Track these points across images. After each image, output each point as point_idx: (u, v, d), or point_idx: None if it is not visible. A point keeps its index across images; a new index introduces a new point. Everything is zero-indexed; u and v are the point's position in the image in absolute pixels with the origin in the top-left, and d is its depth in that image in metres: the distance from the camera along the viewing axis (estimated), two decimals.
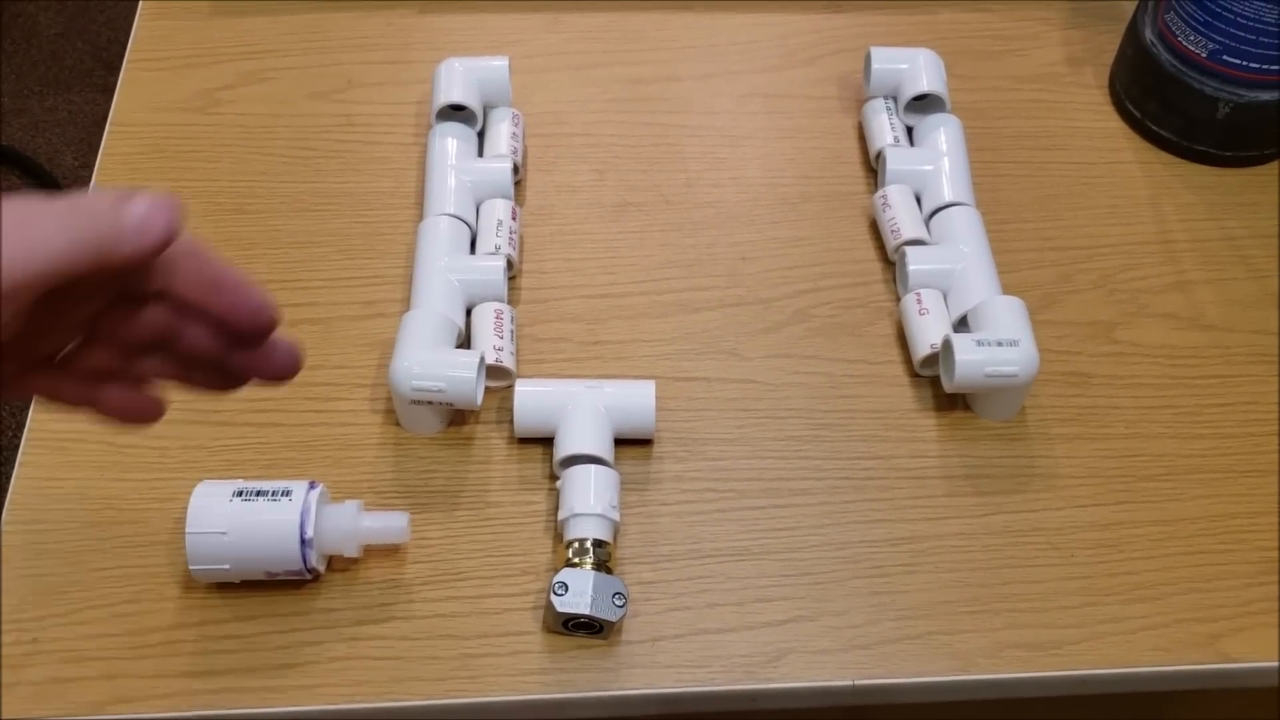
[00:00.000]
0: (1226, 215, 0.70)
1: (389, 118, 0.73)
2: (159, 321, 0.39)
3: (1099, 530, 0.57)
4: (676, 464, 0.59)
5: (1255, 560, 0.57)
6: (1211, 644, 0.54)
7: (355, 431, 0.59)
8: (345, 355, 0.62)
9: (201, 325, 0.40)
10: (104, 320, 0.39)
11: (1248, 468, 0.60)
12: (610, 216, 0.69)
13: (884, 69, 0.71)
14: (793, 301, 0.65)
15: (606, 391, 0.58)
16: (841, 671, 0.53)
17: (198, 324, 0.40)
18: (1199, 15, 0.67)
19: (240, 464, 0.58)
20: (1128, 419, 0.61)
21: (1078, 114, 0.75)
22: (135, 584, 0.54)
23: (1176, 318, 0.65)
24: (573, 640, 0.53)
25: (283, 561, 0.52)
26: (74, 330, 0.39)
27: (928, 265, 0.63)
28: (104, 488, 0.57)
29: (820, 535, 0.57)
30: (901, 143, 0.70)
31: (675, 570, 0.55)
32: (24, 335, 0.36)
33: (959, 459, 0.60)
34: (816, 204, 0.70)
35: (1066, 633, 0.54)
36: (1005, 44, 0.79)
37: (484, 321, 0.61)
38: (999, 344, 0.58)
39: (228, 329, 0.39)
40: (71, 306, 0.38)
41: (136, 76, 0.75)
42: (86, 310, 0.39)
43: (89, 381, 0.40)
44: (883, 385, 0.62)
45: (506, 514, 0.57)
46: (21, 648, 0.52)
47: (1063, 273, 0.67)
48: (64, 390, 0.40)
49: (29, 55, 1.81)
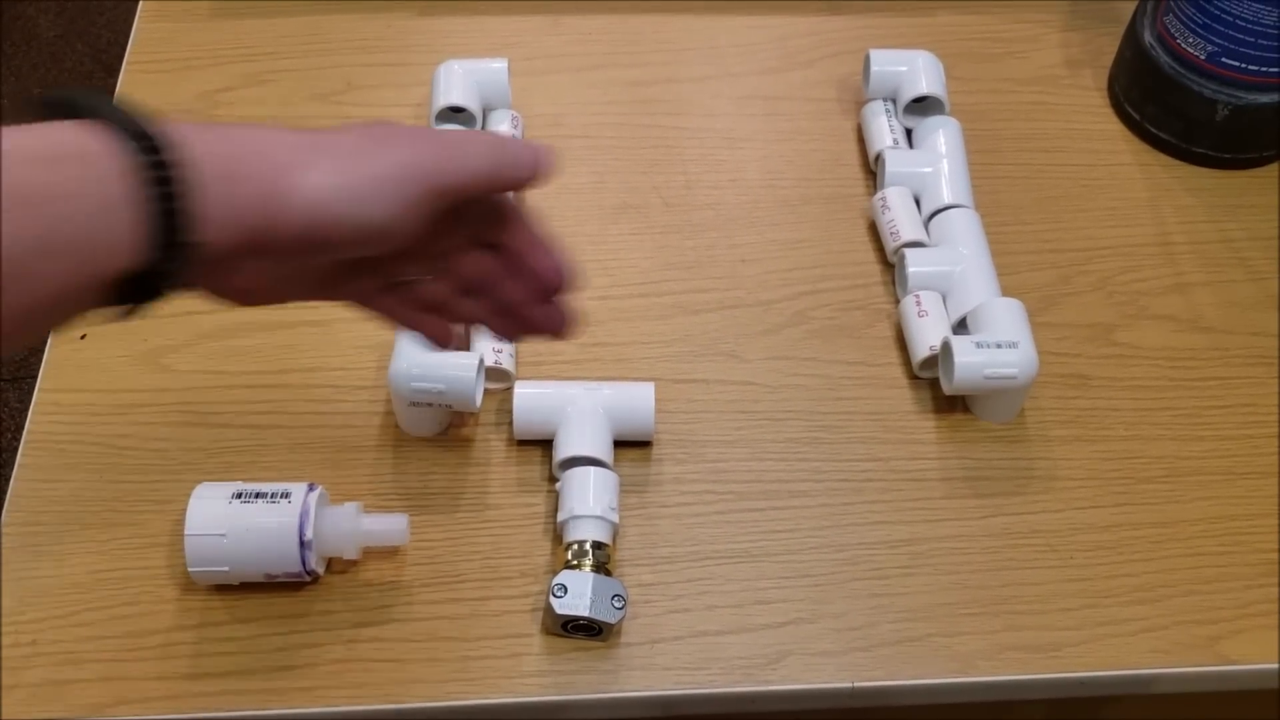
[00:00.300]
0: (1225, 217, 0.70)
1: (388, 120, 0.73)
2: (488, 269, 0.46)
3: (1098, 532, 0.57)
4: (676, 466, 0.59)
5: (1255, 562, 0.57)
6: (1211, 646, 0.54)
7: (355, 433, 0.59)
8: (345, 357, 0.62)
9: (517, 278, 0.46)
10: (452, 258, 0.45)
11: (1247, 470, 0.60)
12: (609, 218, 0.69)
13: (883, 71, 0.71)
14: (792, 304, 0.65)
15: (606, 393, 0.58)
16: (841, 674, 0.53)
17: (514, 277, 0.46)
18: (1198, 18, 0.67)
19: (239, 466, 0.58)
20: (1127, 421, 0.61)
21: (1077, 116, 0.75)
22: (134, 586, 0.54)
23: (1176, 320, 0.65)
24: (572, 642, 0.53)
25: (282, 563, 0.51)
26: (433, 259, 0.45)
27: (927, 267, 0.63)
28: (103, 490, 0.57)
29: (819, 537, 0.57)
30: (901, 145, 0.70)
31: (674, 572, 0.55)
32: (410, 249, 0.41)
33: (958, 461, 0.60)
34: (816, 206, 0.70)
35: (1066, 635, 0.54)
36: (1004, 46, 0.79)
37: None
38: (998, 346, 0.58)
39: (536, 282, 0.45)
40: (450, 231, 0.43)
41: (136, 78, 0.75)
42: (453, 241, 0.45)
43: (419, 309, 0.47)
44: (882, 387, 0.62)
45: (506, 516, 0.57)
46: (20, 650, 0.52)
47: (1062, 275, 0.67)
48: (398, 312, 0.47)
49: (28, 57, 1.81)
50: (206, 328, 0.63)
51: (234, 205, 0.36)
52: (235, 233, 0.36)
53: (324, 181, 0.37)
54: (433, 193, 0.39)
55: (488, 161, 0.41)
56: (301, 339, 0.63)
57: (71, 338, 0.62)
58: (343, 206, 0.37)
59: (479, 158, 0.40)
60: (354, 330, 0.63)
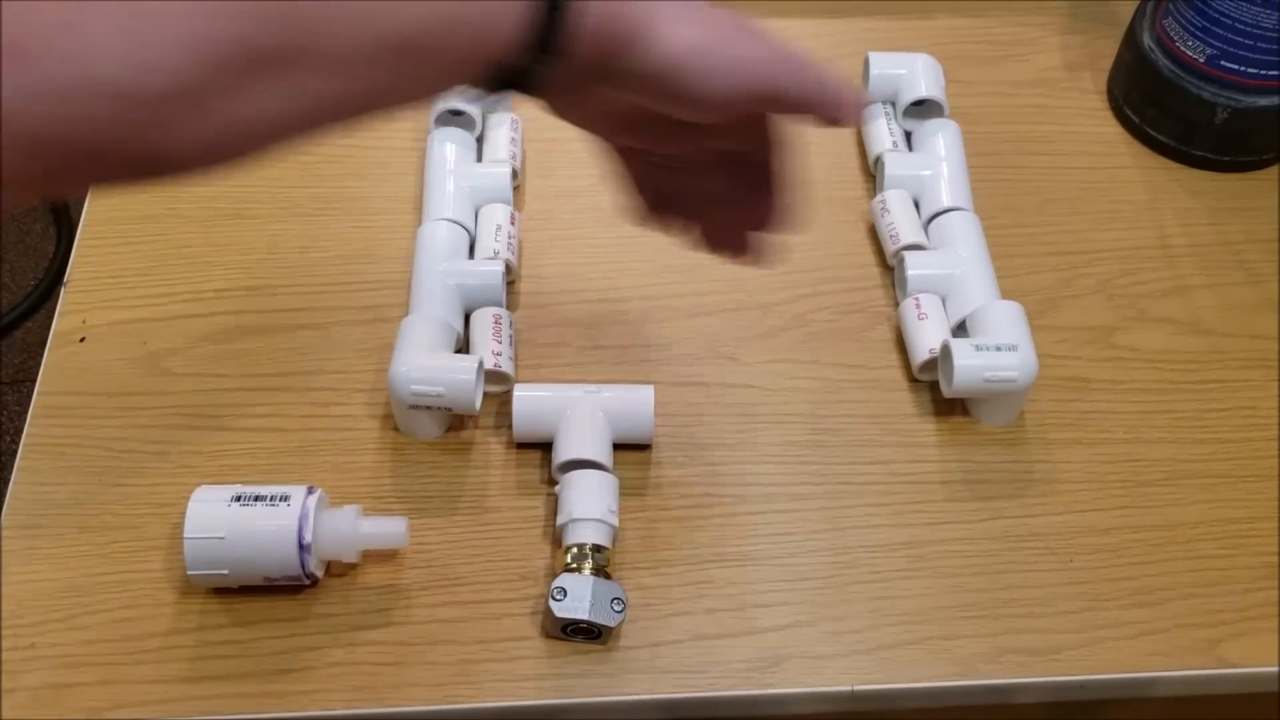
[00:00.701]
0: (1225, 220, 0.70)
1: (388, 122, 0.73)
2: (728, 187, 0.50)
3: (1098, 535, 0.57)
4: (675, 469, 0.59)
5: (1255, 565, 0.57)
6: (1211, 649, 0.54)
7: (354, 436, 0.59)
8: (344, 360, 0.62)
9: (747, 207, 0.50)
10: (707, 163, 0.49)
11: (1247, 472, 0.60)
12: (609, 221, 0.69)
13: (882, 74, 0.71)
14: (791, 306, 0.65)
15: (605, 396, 0.58)
16: (840, 677, 0.53)
17: (745, 205, 0.50)
18: (1197, 21, 0.67)
19: (238, 469, 0.58)
20: (1127, 424, 0.61)
21: (1076, 119, 0.75)
22: (133, 589, 0.54)
23: (1175, 323, 0.65)
24: (571, 646, 0.53)
25: (281, 566, 0.51)
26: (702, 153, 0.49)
27: (926, 270, 0.63)
28: (101, 493, 0.57)
29: (819, 540, 0.57)
30: (900, 148, 0.70)
31: (674, 575, 0.55)
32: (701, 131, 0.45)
33: (958, 464, 0.60)
34: (815, 209, 0.70)
35: (1066, 638, 0.54)
36: (1003, 49, 0.79)
37: (483, 326, 0.61)
38: (998, 349, 0.58)
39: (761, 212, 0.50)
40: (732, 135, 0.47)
41: None
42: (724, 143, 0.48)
43: (655, 189, 0.51)
44: (881, 390, 0.62)
45: (505, 519, 0.57)
46: (19, 653, 0.52)
47: (1061, 278, 0.67)
48: (641, 177, 0.51)
49: None
50: (205, 331, 0.63)
51: (606, 31, 0.39)
52: (597, 58, 0.39)
53: (688, 41, 0.40)
54: (767, 94, 0.43)
55: (817, 89, 0.43)
56: (301, 342, 0.63)
57: (71, 341, 0.62)
58: (695, 68, 0.41)
59: (814, 83, 0.43)
60: (353, 333, 0.63)
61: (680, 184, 0.51)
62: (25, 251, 1.65)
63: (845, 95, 0.44)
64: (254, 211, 0.68)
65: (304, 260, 0.66)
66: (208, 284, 0.65)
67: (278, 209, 0.68)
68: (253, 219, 0.68)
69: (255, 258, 0.66)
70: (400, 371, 0.56)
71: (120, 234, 0.67)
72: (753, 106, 0.44)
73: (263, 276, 0.65)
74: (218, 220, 0.68)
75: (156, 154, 0.31)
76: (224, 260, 0.66)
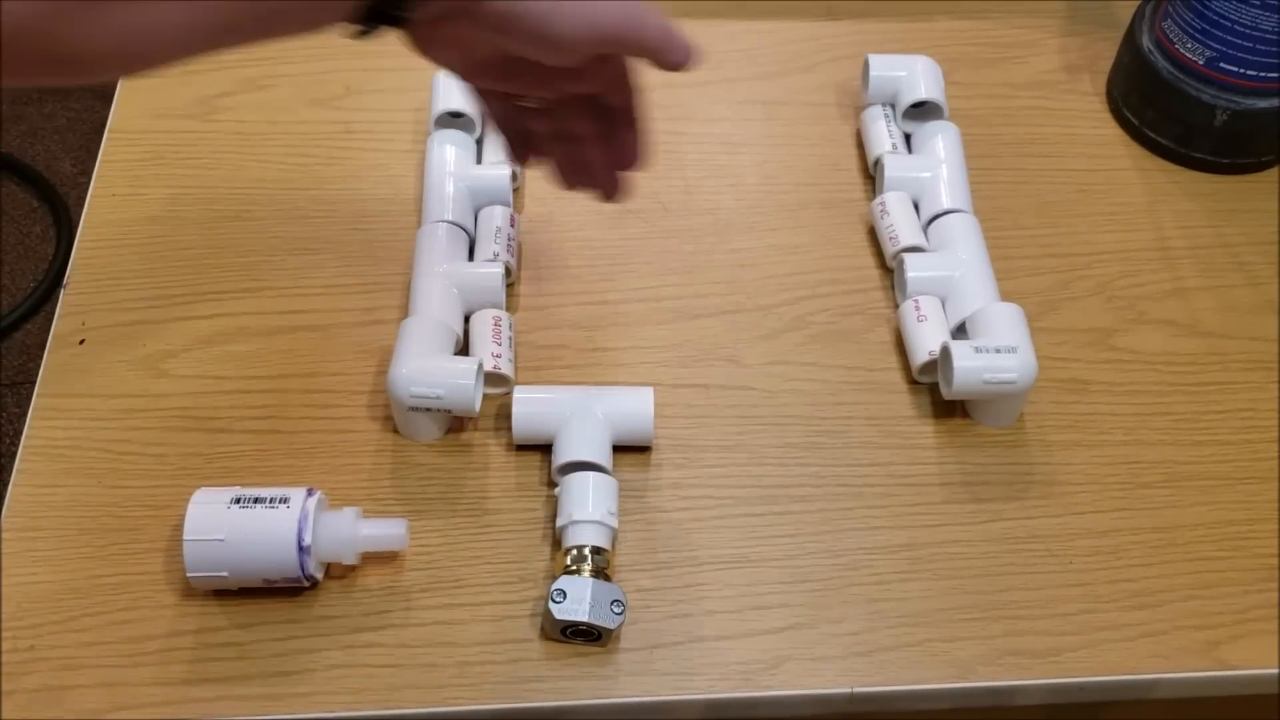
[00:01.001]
0: (1224, 222, 0.70)
1: (388, 125, 0.73)
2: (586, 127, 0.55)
3: (1097, 537, 0.57)
4: (675, 471, 0.59)
5: (1254, 567, 0.57)
6: (1211, 651, 0.54)
7: (353, 438, 0.59)
8: (344, 362, 0.62)
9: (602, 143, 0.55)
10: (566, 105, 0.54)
11: (1246, 474, 0.60)
12: (609, 223, 0.69)
13: (882, 76, 0.71)
14: (791, 308, 0.65)
15: (605, 398, 0.58)
16: (839, 679, 0.53)
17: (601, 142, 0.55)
18: (1196, 23, 0.67)
19: (238, 471, 0.58)
20: (1126, 426, 0.61)
21: (1075, 121, 0.75)
22: (132, 591, 0.54)
23: (1175, 324, 0.65)
24: (571, 648, 0.53)
25: (280, 569, 0.51)
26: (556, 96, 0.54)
27: (926, 272, 0.63)
28: (101, 495, 0.57)
29: (818, 542, 0.57)
30: (899, 150, 0.70)
31: (673, 577, 0.55)
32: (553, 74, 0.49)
33: (957, 466, 0.60)
34: (815, 211, 0.70)
35: (1065, 640, 0.54)
36: (1003, 51, 0.79)
37: (482, 328, 0.61)
38: (997, 351, 0.58)
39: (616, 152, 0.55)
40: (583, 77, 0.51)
41: (135, 83, 0.74)
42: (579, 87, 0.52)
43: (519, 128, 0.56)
44: (881, 392, 0.62)
45: (505, 521, 0.57)
46: (19, 655, 0.52)
47: (1061, 279, 0.67)
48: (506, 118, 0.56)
49: None
50: (205, 333, 0.63)
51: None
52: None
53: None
54: (612, 37, 0.47)
55: (659, 35, 0.48)
56: (300, 344, 0.63)
57: (70, 343, 0.62)
58: (546, 10, 0.45)
59: (656, 29, 0.48)
60: (353, 335, 0.63)
61: (543, 125, 0.55)
62: (25, 253, 1.65)
63: (683, 41, 0.49)
64: (253, 213, 0.68)
65: (303, 262, 0.66)
66: (207, 286, 0.65)
67: (277, 211, 0.68)
68: (252, 220, 0.68)
69: (255, 259, 0.66)
70: (400, 374, 0.56)
71: (120, 235, 0.67)
72: (601, 48, 0.48)
73: (262, 278, 0.65)
74: (218, 222, 0.68)
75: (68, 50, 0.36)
76: (223, 262, 0.66)
